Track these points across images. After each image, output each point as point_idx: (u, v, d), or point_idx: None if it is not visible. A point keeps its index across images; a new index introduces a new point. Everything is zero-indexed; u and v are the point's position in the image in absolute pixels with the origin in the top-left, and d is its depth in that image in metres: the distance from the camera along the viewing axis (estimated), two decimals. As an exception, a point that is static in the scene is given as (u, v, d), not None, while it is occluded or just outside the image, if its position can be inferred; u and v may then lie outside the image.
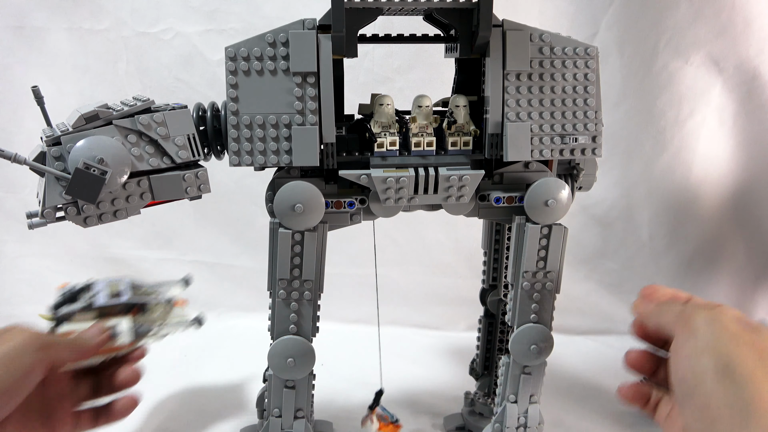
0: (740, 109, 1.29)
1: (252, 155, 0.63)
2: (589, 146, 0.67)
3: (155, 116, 0.60)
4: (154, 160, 0.61)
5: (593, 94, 0.66)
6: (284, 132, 0.62)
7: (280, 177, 0.66)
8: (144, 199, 0.62)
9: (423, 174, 0.64)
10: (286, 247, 0.65)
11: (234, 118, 0.62)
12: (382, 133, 0.66)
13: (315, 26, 0.61)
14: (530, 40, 0.64)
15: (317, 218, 0.64)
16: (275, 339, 0.68)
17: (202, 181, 0.63)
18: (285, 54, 0.61)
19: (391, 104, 0.66)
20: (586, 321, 1.31)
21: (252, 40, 0.61)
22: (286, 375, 0.69)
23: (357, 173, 0.64)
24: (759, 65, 1.25)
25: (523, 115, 0.65)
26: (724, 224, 1.34)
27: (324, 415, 0.91)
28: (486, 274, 0.90)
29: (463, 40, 0.65)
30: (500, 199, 0.68)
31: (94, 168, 0.56)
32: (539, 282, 0.70)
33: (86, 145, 0.57)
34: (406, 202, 0.66)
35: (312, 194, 0.63)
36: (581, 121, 0.66)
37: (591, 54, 0.65)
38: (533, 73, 0.64)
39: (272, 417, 0.71)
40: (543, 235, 0.68)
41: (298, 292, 0.67)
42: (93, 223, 0.60)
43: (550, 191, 0.65)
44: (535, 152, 0.65)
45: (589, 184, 0.81)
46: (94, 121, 0.58)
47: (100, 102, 0.60)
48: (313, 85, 0.61)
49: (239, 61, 0.61)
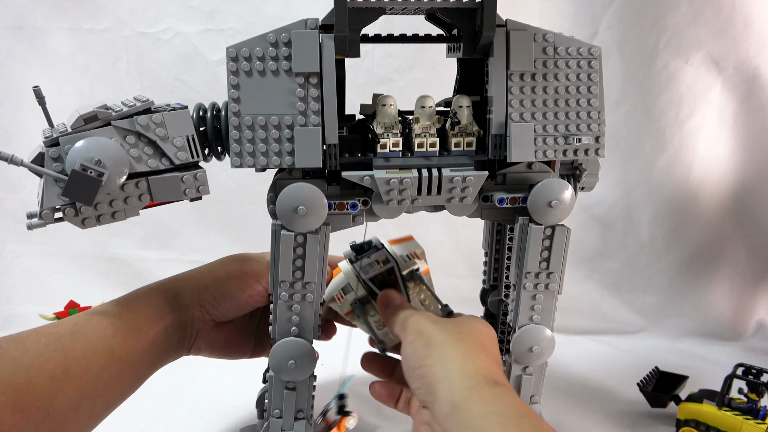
0: (740, 109, 1.29)
1: (254, 156, 0.62)
2: (592, 147, 0.67)
3: (154, 117, 0.60)
4: (152, 161, 0.60)
5: (596, 95, 0.66)
6: (286, 133, 0.62)
7: (282, 178, 0.65)
8: (142, 201, 0.61)
9: (426, 175, 0.64)
10: (288, 249, 0.64)
11: (236, 119, 0.61)
12: (384, 133, 0.66)
13: (317, 26, 0.61)
14: (534, 40, 0.64)
15: (320, 220, 0.64)
16: (276, 340, 0.68)
17: (201, 183, 0.63)
18: (287, 54, 0.61)
19: (393, 105, 0.66)
20: (586, 321, 1.31)
21: (254, 40, 0.61)
22: (287, 377, 0.69)
23: (360, 174, 0.63)
24: (759, 65, 1.25)
25: (526, 115, 0.65)
26: (724, 224, 1.34)
27: (324, 416, 0.90)
28: (486, 274, 0.90)
29: (466, 40, 0.64)
30: (504, 200, 0.68)
31: (91, 170, 0.56)
32: (541, 283, 0.70)
33: (84, 147, 0.57)
34: (409, 203, 0.66)
35: (315, 196, 0.62)
36: (584, 122, 0.66)
37: (594, 54, 0.65)
38: (537, 74, 0.64)
39: (273, 418, 0.71)
40: (546, 236, 0.67)
41: (299, 294, 0.67)
42: (91, 225, 0.60)
43: (554, 192, 0.65)
44: (539, 153, 0.65)
45: (592, 185, 0.81)
46: (92, 122, 0.58)
47: (99, 102, 0.60)
48: (315, 85, 0.61)
49: (241, 62, 0.61)
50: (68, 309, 1.06)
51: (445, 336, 0.59)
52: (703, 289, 1.34)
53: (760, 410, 0.84)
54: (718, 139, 1.32)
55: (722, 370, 0.93)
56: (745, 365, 0.87)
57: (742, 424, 0.83)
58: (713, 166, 1.33)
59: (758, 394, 0.85)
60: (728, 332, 1.29)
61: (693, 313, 1.32)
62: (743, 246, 1.34)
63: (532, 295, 0.70)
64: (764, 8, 1.23)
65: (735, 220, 1.34)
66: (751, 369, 0.87)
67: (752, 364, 0.88)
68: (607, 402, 1.01)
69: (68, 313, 1.05)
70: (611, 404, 1.00)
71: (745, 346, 1.24)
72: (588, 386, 1.07)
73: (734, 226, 1.34)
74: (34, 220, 0.59)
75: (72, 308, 1.06)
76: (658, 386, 0.98)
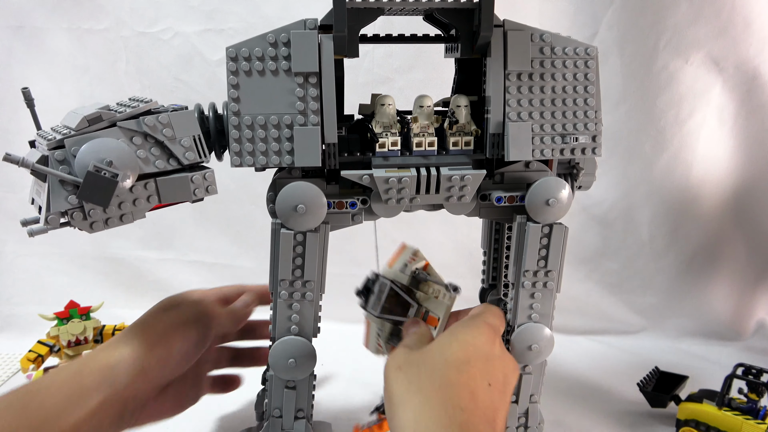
0: (740, 109, 1.29)
1: (254, 156, 0.62)
2: (589, 146, 0.67)
3: (161, 117, 0.59)
4: (160, 162, 0.60)
5: (593, 94, 0.66)
6: (286, 132, 0.62)
7: (282, 177, 0.66)
8: (150, 202, 0.61)
9: (425, 174, 0.64)
10: (288, 248, 0.64)
11: (235, 119, 0.61)
12: (383, 133, 0.66)
13: (316, 26, 0.61)
14: (531, 41, 0.64)
15: (319, 219, 0.64)
16: (276, 339, 0.68)
17: (210, 182, 0.62)
18: (286, 54, 0.61)
19: (392, 104, 0.66)
20: (586, 321, 1.31)
21: (253, 40, 0.61)
22: (287, 375, 0.69)
23: (359, 173, 0.64)
24: (759, 65, 1.25)
25: (524, 114, 0.65)
26: (724, 224, 1.34)
27: (323, 416, 0.90)
28: (485, 273, 0.90)
29: (464, 40, 0.65)
30: (502, 199, 0.68)
31: (105, 171, 0.55)
32: (540, 281, 0.70)
33: (93, 148, 0.56)
34: (408, 202, 0.66)
35: (314, 195, 0.63)
36: (581, 121, 0.66)
37: (591, 54, 0.65)
38: (534, 73, 0.64)
39: (272, 417, 0.71)
40: (544, 234, 0.68)
41: (299, 293, 0.67)
42: (99, 228, 0.58)
43: (551, 190, 0.65)
44: (536, 152, 0.65)
45: (589, 184, 0.81)
46: (97, 123, 0.57)
47: (99, 103, 0.60)
48: (314, 85, 0.61)
49: (240, 62, 0.61)
50: (68, 309, 1.06)
51: (402, 388, 0.54)
52: (703, 289, 1.34)
53: (760, 410, 0.84)
54: (718, 139, 1.32)
55: (722, 370, 0.93)
56: (745, 365, 0.87)
57: (742, 424, 0.83)
58: (713, 166, 1.33)
59: (758, 394, 0.85)
60: (728, 332, 1.29)
61: (693, 313, 1.32)
62: (743, 246, 1.34)
63: (530, 293, 0.70)
64: (764, 8, 1.23)
65: (735, 220, 1.34)
66: (751, 369, 0.87)
67: (752, 364, 0.88)
68: (607, 402, 1.01)
69: (68, 313, 1.05)
70: (611, 404, 1.00)
71: (745, 346, 1.25)
72: (588, 386, 1.07)
73: (734, 226, 1.34)
74: (36, 226, 0.57)
75: (72, 308, 1.06)
76: (658, 386, 0.98)
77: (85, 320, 1.06)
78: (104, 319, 1.10)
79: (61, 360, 1.03)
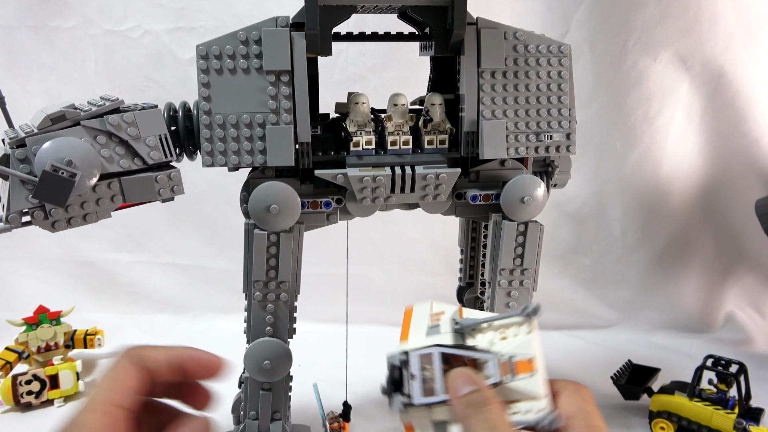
0: (707, 106, 1.32)
1: (225, 155, 0.62)
2: (563, 144, 0.67)
3: (125, 116, 0.59)
4: (124, 161, 0.59)
5: (567, 92, 0.67)
6: (258, 132, 0.61)
7: (255, 177, 0.65)
8: (115, 202, 0.60)
9: (399, 173, 0.64)
10: (261, 249, 0.64)
11: (207, 118, 0.61)
12: (357, 132, 0.66)
13: (288, 24, 0.60)
14: (504, 38, 0.64)
15: (293, 219, 0.63)
16: (251, 341, 0.67)
17: (175, 183, 0.62)
18: (258, 52, 0.60)
19: (366, 103, 0.66)
20: (561, 316, 1.32)
21: (224, 38, 0.60)
22: (262, 378, 0.68)
23: (333, 173, 0.63)
24: (724, 63, 1.28)
25: (498, 113, 0.65)
26: (693, 219, 1.37)
27: (301, 419, 0.90)
28: (463, 272, 0.90)
29: (437, 38, 0.65)
30: (477, 197, 0.68)
31: (63, 170, 0.54)
32: (516, 280, 0.70)
33: (53, 147, 0.55)
34: (383, 201, 0.66)
35: (287, 195, 0.62)
36: (555, 119, 0.67)
37: (564, 52, 0.66)
38: (508, 71, 0.65)
39: (249, 420, 0.70)
40: (519, 232, 0.68)
41: (274, 294, 0.66)
42: (61, 228, 0.58)
43: (526, 188, 0.66)
44: (511, 150, 0.66)
45: (564, 182, 0.81)
46: (60, 122, 0.56)
47: (66, 102, 0.59)
48: (287, 83, 0.61)
49: (211, 60, 0.60)
50: (38, 314, 1.03)
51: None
52: (673, 283, 1.37)
53: (729, 400, 0.86)
54: (686, 136, 1.35)
55: (693, 361, 0.94)
56: (715, 357, 0.89)
57: (713, 414, 0.84)
58: (682, 163, 1.36)
59: (727, 385, 0.87)
60: (698, 325, 1.31)
61: (664, 306, 1.34)
62: (712, 240, 1.37)
63: (507, 292, 0.71)
64: (729, 7, 1.25)
65: (703, 214, 1.37)
66: (720, 360, 0.89)
67: (721, 355, 0.90)
68: (582, 396, 1.02)
69: (38, 319, 1.03)
70: (586, 398, 1.01)
71: (715, 338, 1.27)
72: (563, 380, 1.08)
73: (703, 220, 1.37)
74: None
75: (41, 313, 1.03)
76: (631, 379, 1.00)
77: (55, 325, 1.03)
78: (75, 323, 1.07)
79: (30, 366, 1.00)
